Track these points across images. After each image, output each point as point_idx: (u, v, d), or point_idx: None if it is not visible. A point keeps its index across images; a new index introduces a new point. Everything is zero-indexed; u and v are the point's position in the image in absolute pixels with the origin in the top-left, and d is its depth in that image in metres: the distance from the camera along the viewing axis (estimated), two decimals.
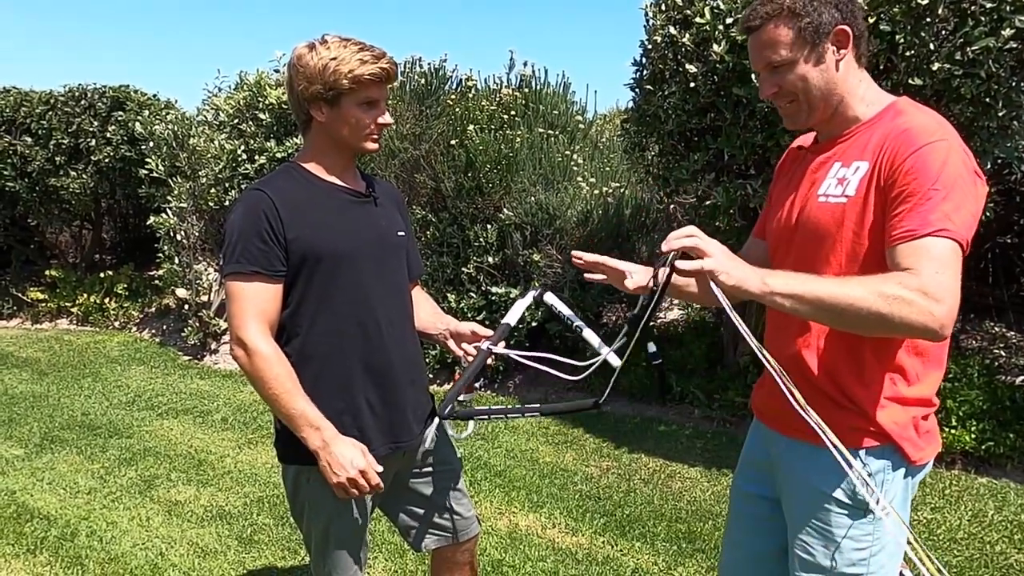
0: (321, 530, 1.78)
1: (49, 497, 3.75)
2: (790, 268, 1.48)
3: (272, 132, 6.26)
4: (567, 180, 5.49)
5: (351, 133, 1.71)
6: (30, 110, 7.72)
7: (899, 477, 1.42)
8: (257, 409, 5.03)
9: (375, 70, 1.66)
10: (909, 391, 1.39)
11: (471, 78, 6.14)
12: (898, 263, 1.25)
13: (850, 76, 1.42)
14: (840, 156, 1.44)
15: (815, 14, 1.37)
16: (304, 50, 1.68)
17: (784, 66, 1.41)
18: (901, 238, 1.25)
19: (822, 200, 1.43)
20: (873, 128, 1.40)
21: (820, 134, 1.54)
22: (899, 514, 1.39)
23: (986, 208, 3.45)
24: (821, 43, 1.38)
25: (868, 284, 1.23)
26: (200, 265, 6.76)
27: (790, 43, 1.39)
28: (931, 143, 1.28)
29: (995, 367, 4.31)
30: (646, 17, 3.88)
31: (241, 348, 1.64)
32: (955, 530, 3.13)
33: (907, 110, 1.39)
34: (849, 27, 1.39)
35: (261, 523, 3.41)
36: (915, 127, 1.32)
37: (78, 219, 8.64)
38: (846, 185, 1.39)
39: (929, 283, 1.20)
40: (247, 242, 1.64)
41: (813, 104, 1.43)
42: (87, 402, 5.32)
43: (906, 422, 1.40)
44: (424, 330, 1.97)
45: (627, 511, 3.42)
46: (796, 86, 1.42)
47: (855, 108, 1.43)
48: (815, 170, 1.48)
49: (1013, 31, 2.87)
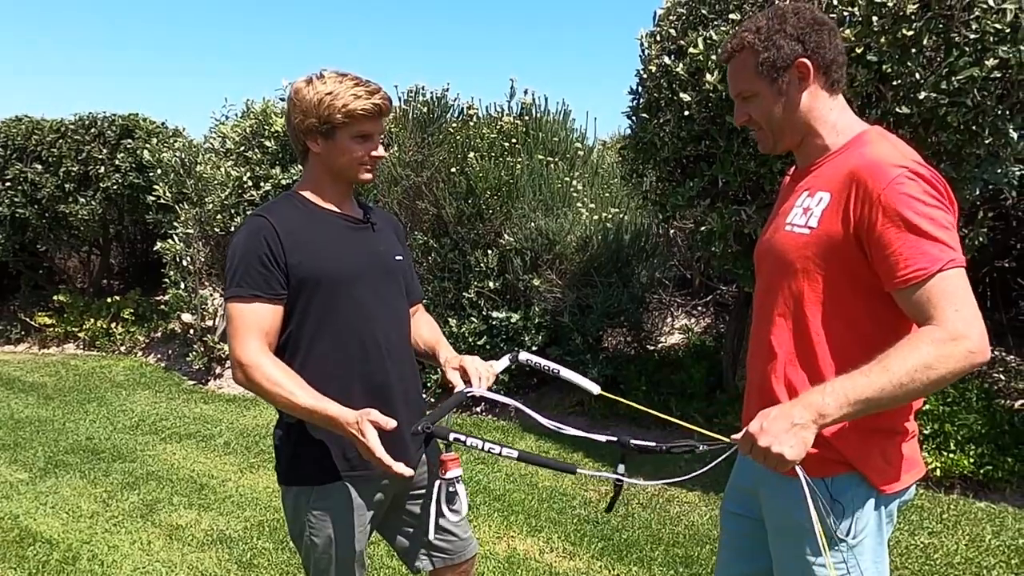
0: (320, 553, 1.80)
1: (52, 521, 3.78)
2: (761, 292, 1.53)
3: (277, 159, 6.37)
4: (567, 206, 5.56)
5: (345, 165, 1.77)
6: (41, 138, 7.88)
7: (870, 507, 1.42)
8: (259, 433, 5.07)
9: (368, 105, 1.72)
10: (876, 418, 1.36)
11: (472, 106, 6.24)
12: (919, 310, 1.27)
13: (818, 105, 1.45)
14: (808, 186, 1.47)
15: (773, 49, 1.41)
16: (302, 84, 1.75)
17: (750, 97, 1.47)
18: (913, 278, 1.27)
19: (788, 229, 1.46)
20: (840, 158, 1.43)
21: (797, 161, 1.57)
22: (874, 544, 1.40)
23: (983, 233, 3.53)
24: (780, 77, 1.43)
25: (908, 360, 1.24)
26: (206, 290, 6.84)
27: (751, 78, 1.45)
28: (901, 175, 1.30)
29: (994, 391, 4.31)
30: (641, 47, 3.97)
31: (239, 368, 1.68)
32: (952, 555, 3.13)
33: (872, 140, 1.41)
34: (811, 59, 1.41)
35: (261, 547, 3.43)
36: (881, 158, 1.34)
37: (86, 245, 8.77)
38: (809, 216, 1.42)
39: (956, 327, 1.23)
40: (248, 266, 1.69)
41: (778, 133, 1.49)
42: (92, 426, 5.36)
43: (869, 449, 1.40)
44: (423, 352, 2.00)
45: (625, 535, 3.43)
46: (761, 117, 1.48)
47: (825, 137, 1.47)
48: (789, 198, 1.52)
49: (997, 61, 2.94)
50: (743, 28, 1.47)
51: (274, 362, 1.67)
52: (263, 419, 5.43)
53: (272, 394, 1.65)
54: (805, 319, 1.42)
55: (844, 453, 1.41)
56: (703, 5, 3.61)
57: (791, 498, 1.40)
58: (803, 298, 1.42)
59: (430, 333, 2.03)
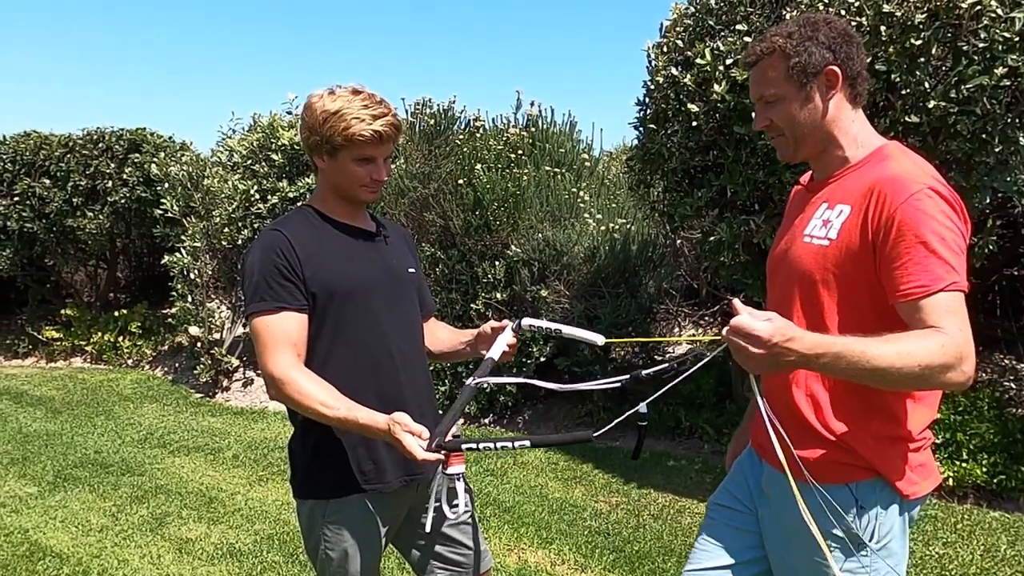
0: (335, 566, 1.80)
1: (61, 535, 3.78)
2: (774, 302, 1.53)
3: (284, 172, 6.39)
4: (574, 217, 5.57)
5: (345, 185, 1.77)
6: (49, 153, 7.92)
7: (894, 512, 1.43)
8: (268, 446, 5.06)
9: (368, 131, 1.69)
10: (894, 427, 1.42)
11: (479, 118, 6.27)
12: (920, 319, 1.29)
13: (841, 116, 1.46)
14: (827, 197, 1.48)
15: (805, 55, 1.42)
16: (315, 99, 1.74)
17: (774, 102, 1.47)
18: (916, 293, 1.29)
19: (807, 240, 1.47)
20: (860, 171, 1.45)
21: (815, 172, 1.58)
22: (898, 548, 1.41)
23: (992, 241, 3.52)
24: (809, 83, 1.44)
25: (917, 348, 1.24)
26: (213, 303, 6.85)
27: (779, 81, 1.45)
28: (921, 191, 1.33)
29: (1005, 400, 4.29)
30: (648, 58, 3.99)
31: (272, 384, 1.67)
32: (967, 565, 3.11)
33: (894, 155, 1.44)
34: (840, 68, 1.43)
35: (271, 560, 3.41)
36: (902, 174, 1.36)
37: (93, 259, 8.79)
38: (829, 228, 1.43)
39: (963, 345, 1.25)
40: (269, 279, 1.69)
41: (800, 140, 1.49)
42: (100, 440, 5.36)
43: (892, 456, 1.42)
44: (449, 350, 2.01)
45: (636, 547, 3.41)
46: (784, 122, 1.47)
47: (845, 149, 1.48)
48: (806, 209, 1.53)
49: (1006, 69, 2.94)
50: (773, 33, 1.47)
51: (305, 375, 1.67)
52: (271, 432, 5.42)
53: (305, 407, 1.65)
54: (825, 329, 1.41)
55: (868, 459, 1.42)
56: (710, 16, 3.62)
57: (810, 506, 1.39)
58: (823, 308, 1.43)
59: (448, 334, 2.05)
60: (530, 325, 1.87)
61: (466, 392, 1.72)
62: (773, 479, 1.56)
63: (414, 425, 1.58)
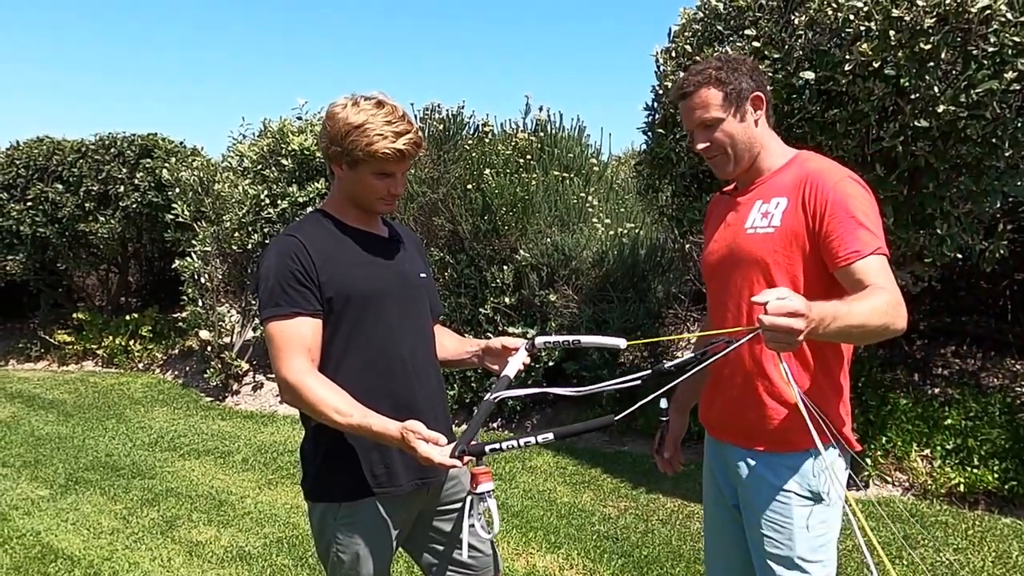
0: (346, 570, 1.80)
1: (73, 537, 3.81)
2: (729, 294, 1.74)
3: (294, 177, 6.43)
4: (582, 221, 5.57)
5: (362, 196, 1.78)
6: (62, 158, 8.00)
7: (843, 465, 1.72)
8: (277, 450, 5.08)
9: (390, 149, 1.69)
10: (843, 395, 1.70)
11: (488, 123, 6.29)
12: (858, 280, 1.51)
13: (765, 132, 1.73)
14: (760, 195, 1.71)
15: (736, 82, 1.68)
16: (337, 108, 1.73)
17: (714, 123, 1.69)
18: (850, 259, 1.53)
19: (750, 232, 1.69)
20: (785, 172, 1.70)
21: (739, 183, 1.79)
22: (847, 493, 1.56)
23: (1002, 246, 3.50)
24: (743, 104, 1.69)
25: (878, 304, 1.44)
26: (223, 307, 6.89)
27: (719, 104, 1.68)
28: (843, 179, 1.61)
29: (1016, 405, 4.26)
30: (657, 63, 3.99)
31: (285, 389, 1.68)
32: (979, 571, 3.09)
33: (812, 157, 1.72)
34: (762, 94, 1.71)
35: (280, 564, 3.43)
36: (826, 168, 1.65)
37: (105, 263, 8.87)
38: (771, 218, 1.66)
39: (900, 298, 1.48)
40: (285, 284, 1.70)
41: (738, 155, 1.71)
42: (111, 443, 5.40)
43: (846, 418, 1.70)
44: (454, 358, 2.02)
45: (645, 552, 3.40)
46: (724, 140, 1.70)
47: (769, 159, 1.74)
48: (739, 209, 1.75)
49: (1016, 73, 2.93)
50: (702, 67, 1.70)
51: (319, 380, 1.67)
52: (281, 435, 5.45)
53: (318, 413, 1.66)
54: None
55: (834, 423, 1.61)
56: (718, 21, 3.63)
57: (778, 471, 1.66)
58: (775, 285, 1.60)
59: (454, 342, 2.06)
60: (544, 342, 1.88)
61: (484, 406, 1.74)
62: (732, 453, 1.76)
63: (428, 432, 1.58)
